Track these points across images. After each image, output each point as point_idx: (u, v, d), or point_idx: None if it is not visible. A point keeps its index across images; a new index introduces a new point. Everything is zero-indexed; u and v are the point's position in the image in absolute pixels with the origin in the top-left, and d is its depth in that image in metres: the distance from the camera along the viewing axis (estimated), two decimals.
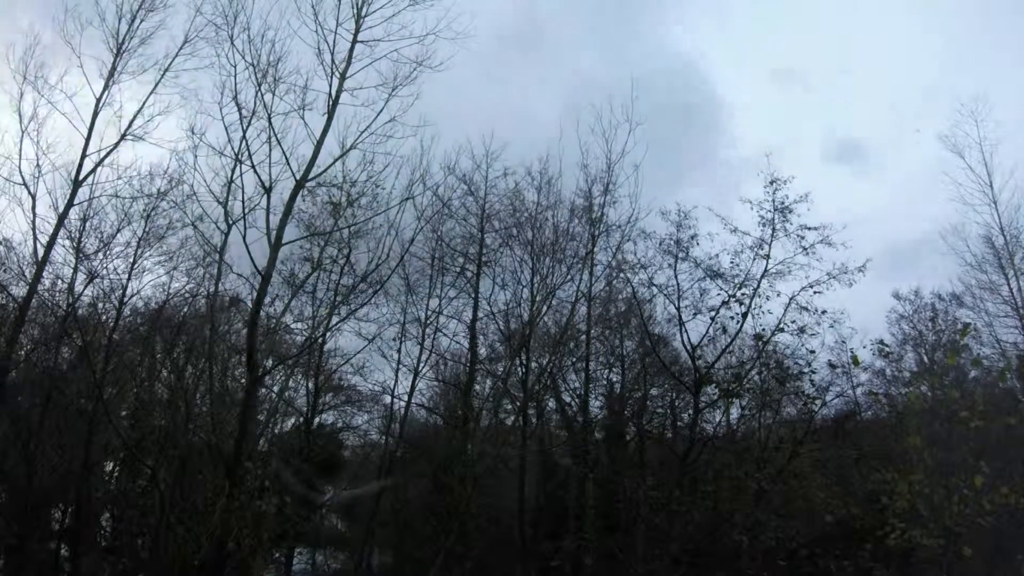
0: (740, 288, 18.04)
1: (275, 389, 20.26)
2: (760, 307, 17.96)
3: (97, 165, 16.28)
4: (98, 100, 16.26)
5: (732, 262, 18.19)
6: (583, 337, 20.29)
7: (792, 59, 63.59)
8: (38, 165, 16.00)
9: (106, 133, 16.57)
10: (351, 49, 15.41)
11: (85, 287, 17.30)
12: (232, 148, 15.12)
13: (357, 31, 15.44)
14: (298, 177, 15.06)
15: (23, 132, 15.95)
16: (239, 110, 15.10)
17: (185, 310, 20.09)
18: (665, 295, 18.95)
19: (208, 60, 16.08)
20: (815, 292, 17.62)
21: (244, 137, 15.08)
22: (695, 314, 18.42)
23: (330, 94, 15.23)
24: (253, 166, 15.04)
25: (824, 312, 17.66)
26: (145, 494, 17.59)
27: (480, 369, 20.48)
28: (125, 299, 18.00)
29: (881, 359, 19.08)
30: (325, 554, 23.31)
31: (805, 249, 17.63)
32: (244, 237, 14.89)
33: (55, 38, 16.82)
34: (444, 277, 20.35)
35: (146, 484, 17.95)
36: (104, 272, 17.53)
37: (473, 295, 19.67)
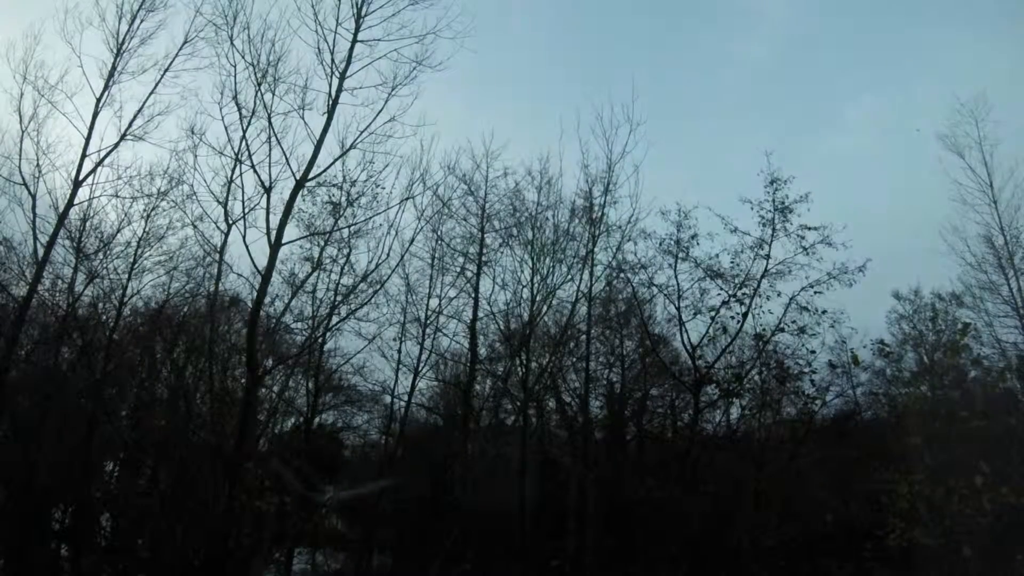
0: (740, 288, 18.09)
1: (275, 389, 20.26)
2: (760, 307, 18.05)
3: (97, 165, 16.26)
4: (98, 100, 16.24)
5: (732, 262, 18.28)
6: (583, 337, 20.28)
7: None
8: (38, 165, 15.97)
9: (106, 133, 16.60)
10: (351, 49, 15.44)
11: (85, 287, 17.31)
12: (232, 148, 15.19)
13: (357, 31, 15.47)
14: (298, 177, 15.07)
15: (23, 132, 15.93)
16: (239, 110, 15.16)
17: (185, 310, 20.08)
18: (665, 295, 19.00)
19: (208, 60, 16.16)
20: (815, 292, 17.68)
21: (244, 137, 15.14)
22: (695, 314, 18.47)
23: (330, 94, 15.26)
24: (253, 166, 15.08)
25: (824, 312, 17.72)
26: (145, 494, 17.58)
27: (480, 369, 20.46)
28: (125, 299, 17.97)
29: (881, 359, 19.08)
30: (325, 554, 23.29)
31: (805, 249, 17.70)
32: (244, 237, 14.96)
33: (55, 38, 16.88)
34: (444, 277, 20.35)
35: (146, 484, 17.95)
36: (104, 272, 17.52)
37: (473, 295, 19.66)
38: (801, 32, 67.86)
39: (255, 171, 15.06)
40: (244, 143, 15.12)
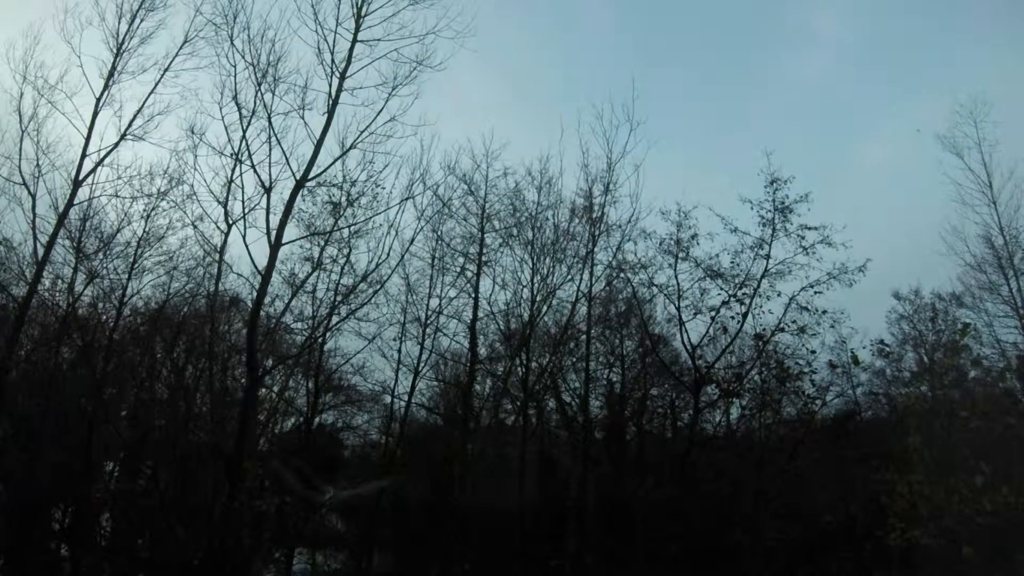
0: (740, 288, 18.09)
1: (275, 389, 20.25)
2: (760, 307, 18.05)
3: (97, 165, 16.28)
4: (98, 100, 16.26)
5: (732, 262, 18.27)
6: (583, 337, 20.27)
7: None
8: (38, 165, 16.00)
9: (106, 133, 16.62)
10: (351, 49, 15.46)
11: (85, 287, 17.33)
12: (232, 148, 15.22)
13: (357, 31, 15.48)
14: (298, 177, 15.09)
15: (23, 132, 15.96)
16: (239, 110, 15.19)
17: (185, 310, 20.07)
18: (665, 295, 19.00)
19: (208, 60, 16.21)
20: (815, 292, 17.69)
21: (244, 137, 15.16)
22: (695, 314, 18.47)
23: (330, 94, 15.28)
24: (253, 166, 15.09)
25: (824, 312, 17.73)
26: (145, 494, 17.57)
27: (480, 369, 20.44)
28: (125, 299, 17.98)
29: (881, 359, 19.08)
30: (325, 554, 23.28)
31: (805, 249, 17.70)
32: (244, 237, 14.98)
33: (55, 38, 16.88)
34: (444, 277, 20.33)
35: (146, 484, 17.94)
36: (104, 272, 17.54)
37: (473, 295, 19.64)
38: (850, 51, 67.74)
39: (255, 171, 15.10)
40: (244, 143, 15.16)
